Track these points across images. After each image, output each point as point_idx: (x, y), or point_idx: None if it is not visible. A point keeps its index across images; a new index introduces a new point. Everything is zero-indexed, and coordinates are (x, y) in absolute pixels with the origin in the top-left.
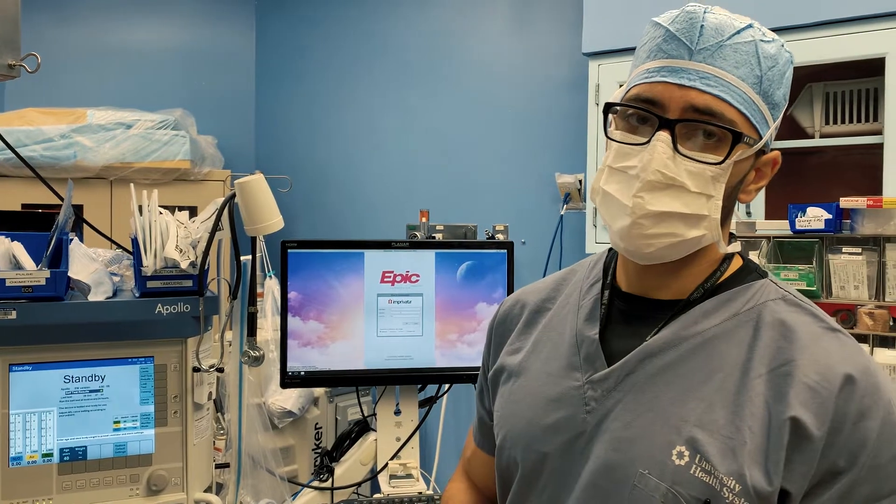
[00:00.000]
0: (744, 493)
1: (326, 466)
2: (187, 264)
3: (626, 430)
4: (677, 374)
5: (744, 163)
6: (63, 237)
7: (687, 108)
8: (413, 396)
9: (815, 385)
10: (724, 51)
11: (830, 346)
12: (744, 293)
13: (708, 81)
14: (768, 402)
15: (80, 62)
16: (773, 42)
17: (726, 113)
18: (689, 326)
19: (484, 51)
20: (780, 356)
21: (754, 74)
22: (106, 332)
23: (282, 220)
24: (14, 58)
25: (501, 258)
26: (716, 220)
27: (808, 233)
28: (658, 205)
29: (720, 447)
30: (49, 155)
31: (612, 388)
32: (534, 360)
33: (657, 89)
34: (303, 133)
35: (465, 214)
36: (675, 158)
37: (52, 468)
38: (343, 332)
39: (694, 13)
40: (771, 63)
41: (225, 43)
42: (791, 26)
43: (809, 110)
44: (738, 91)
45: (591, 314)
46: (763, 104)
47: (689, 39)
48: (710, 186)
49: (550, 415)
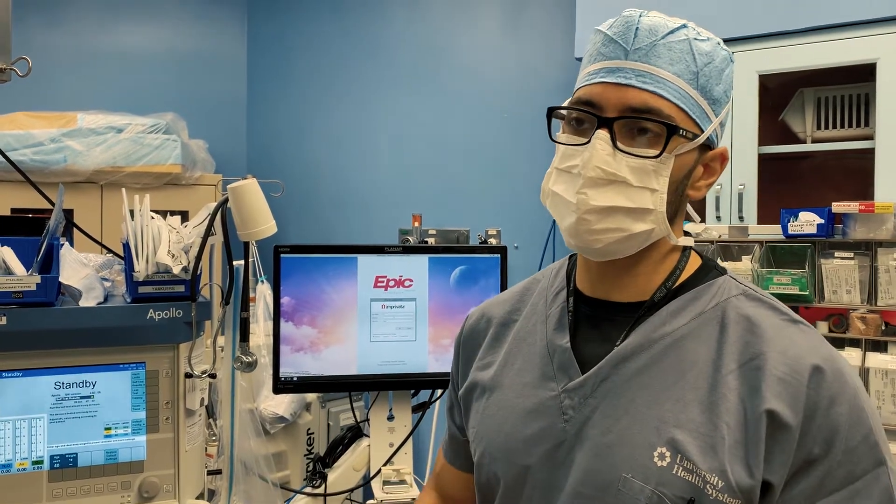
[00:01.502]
0: (727, 489)
1: (319, 472)
2: (179, 269)
3: (605, 436)
4: (651, 377)
5: (686, 157)
6: (54, 242)
7: (624, 108)
8: (406, 402)
9: (786, 377)
10: (658, 49)
11: (794, 337)
12: (707, 291)
13: (643, 79)
14: (742, 397)
15: (70, 66)
16: (707, 41)
17: (663, 108)
18: (658, 328)
19: (476, 54)
20: (749, 350)
21: (690, 70)
22: (97, 338)
23: (275, 224)
24: (4, 62)
25: (495, 263)
26: (662, 213)
27: (800, 237)
28: (601, 200)
29: (700, 445)
30: (39, 159)
31: (588, 395)
32: (507, 373)
33: (596, 90)
34: (294, 137)
35: (457, 218)
36: (615, 155)
37: (43, 475)
38: (336, 337)
39: (630, 17)
40: (706, 59)
41: (216, 47)
42: (782, 32)
43: (801, 115)
44: (673, 87)
45: (559, 322)
46: (702, 99)
47: (625, 41)
48: (651, 180)
49: (529, 426)
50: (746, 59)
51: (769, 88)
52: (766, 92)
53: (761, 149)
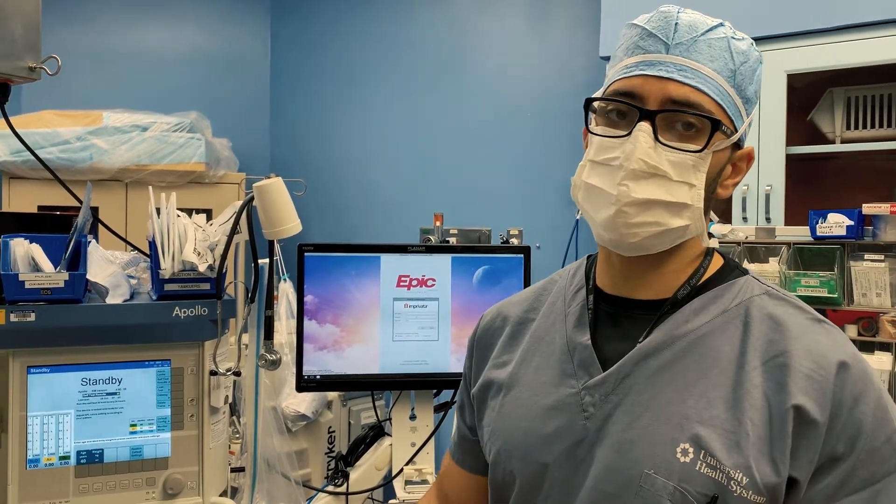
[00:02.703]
0: (751, 486)
1: (341, 471)
2: (205, 267)
3: (627, 433)
4: (674, 373)
5: (722, 154)
6: (82, 239)
7: (665, 100)
8: (428, 401)
9: (812, 373)
10: (698, 45)
11: (819, 335)
12: (729, 290)
13: (685, 73)
14: (767, 394)
15: (96, 65)
16: (743, 40)
17: (704, 104)
18: (681, 325)
19: (500, 53)
20: (773, 348)
21: (728, 68)
22: (123, 335)
23: (300, 223)
24: (35, 60)
25: (518, 263)
26: (699, 209)
27: (829, 239)
28: (642, 192)
29: (724, 441)
30: (65, 157)
31: (609, 392)
32: (524, 372)
33: (636, 82)
34: (317, 136)
35: (479, 218)
36: (656, 148)
37: (69, 471)
38: (359, 335)
39: (668, 13)
40: (743, 59)
41: (240, 46)
42: (812, 31)
43: (830, 115)
44: (713, 83)
45: (579, 320)
46: (737, 97)
47: (665, 35)
48: (691, 175)
49: (548, 424)
50: (774, 58)
51: (796, 88)
52: (794, 91)
53: (789, 149)
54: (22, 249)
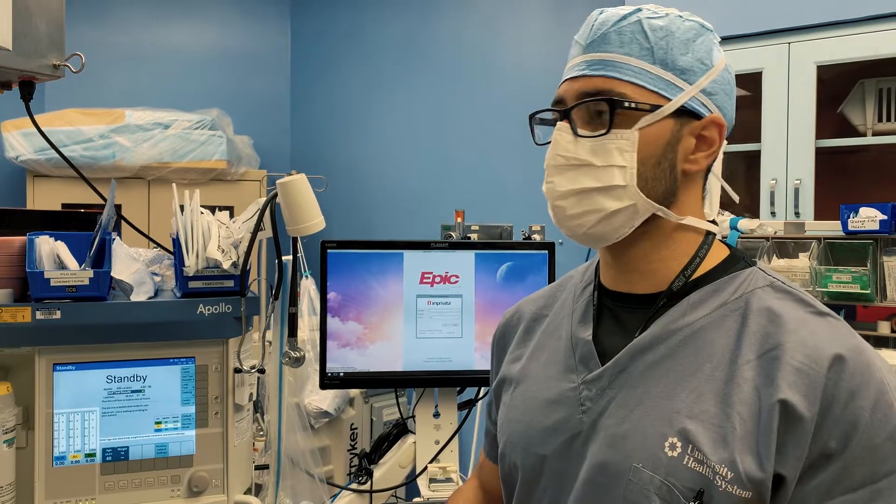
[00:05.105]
0: (736, 481)
1: (365, 468)
2: (229, 265)
3: (619, 427)
4: (668, 368)
5: (656, 129)
6: (106, 237)
7: (578, 96)
8: (452, 399)
9: (803, 366)
10: (608, 37)
11: (818, 328)
12: (731, 282)
13: (594, 67)
14: (758, 388)
15: (118, 63)
16: (664, 17)
17: (615, 88)
18: (678, 319)
19: (521, 49)
20: (768, 342)
21: (643, 48)
22: (148, 333)
23: (323, 220)
24: (59, 58)
25: (542, 259)
26: (634, 189)
27: (861, 234)
28: (568, 184)
29: (711, 436)
30: (88, 155)
31: (605, 386)
32: (533, 366)
33: (560, 90)
34: (338, 133)
35: (499, 214)
36: (576, 142)
37: (95, 468)
38: (382, 333)
39: (591, 17)
40: (662, 34)
41: (260, 43)
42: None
43: (861, 107)
44: (625, 66)
45: (584, 316)
46: (663, 71)
47: (582, 38)
48: (616, 158)
49: (549, 417)
50: (803, 49)
51: (826, 80)
52: (823, 83)
53: (818, 142)
54: (47, 247)
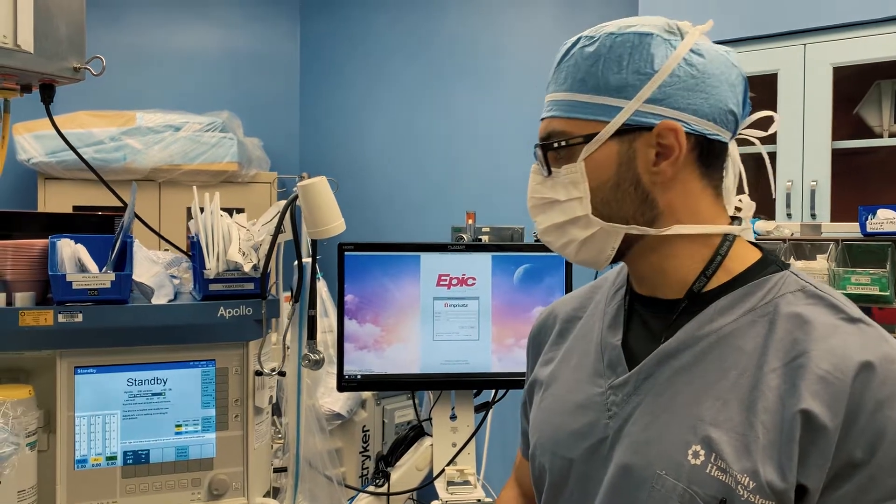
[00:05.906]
0: (758, 490)
1: (382, 471)
2: (250, 267)
3: (644, 433)
4: (694, 374)
5: (602, 153)
6: (128, 240)
7: (542, 138)
8: (469, 401)
9: (827, 375)
10: (559, 75)
11: (848, 335)
12: (761, 287)
13: (548, 107)
14: (782, 397)
15: (128, 66)
16: (595, 41)
17: (556, 127)
18: (705, 325)
19: (530, 49)
20: (795, 349)
21: (577, 80)
22: (168, 336)
23: (343, 222)
24: (79, 61)
25: (559, 261)
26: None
27: (879, 235)
28: (544, 221)
29: (735, 445)
30: (99, 157)
31: (631, 392)
32: (564, 369)
33: None
34: (347, 135)
35: (509, 216)
36: (543, 182)
37: (116, 471)
38: (399, 335)
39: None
40: (591, 60)
41: (270, 46)
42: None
43: (877, 109)
44: (563, 103)
45: (614, 320)
46: (596, 97)
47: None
48: (574, 191)
49: (577, 420)
50: (819, 51)
51: (842, 81)
52: (839, 85)
53: (834, 143)
54: (69, 250)
